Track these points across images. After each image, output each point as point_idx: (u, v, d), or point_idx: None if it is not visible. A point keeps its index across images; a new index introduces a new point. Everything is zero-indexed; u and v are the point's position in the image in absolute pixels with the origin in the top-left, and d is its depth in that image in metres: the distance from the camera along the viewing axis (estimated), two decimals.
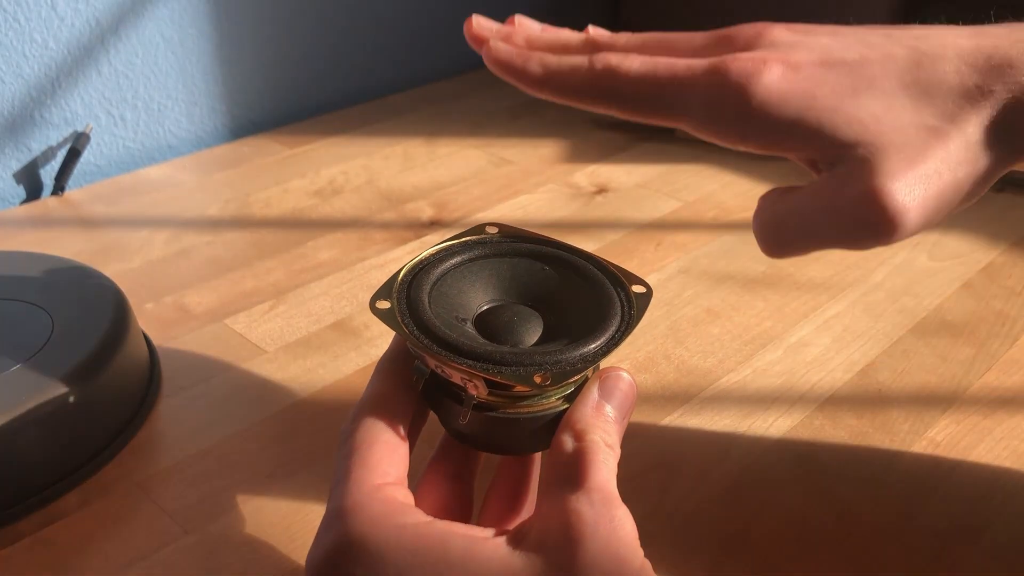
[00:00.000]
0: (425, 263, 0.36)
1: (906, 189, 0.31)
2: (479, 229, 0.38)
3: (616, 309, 0.34)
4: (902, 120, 0.32)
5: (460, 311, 0.35)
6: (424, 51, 0.91)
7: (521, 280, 0.37)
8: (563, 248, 0.37)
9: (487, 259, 0.37)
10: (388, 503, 0.29)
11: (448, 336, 0.32)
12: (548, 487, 0.30)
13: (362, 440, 0.31)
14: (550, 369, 0.31)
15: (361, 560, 0.28)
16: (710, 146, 0.75)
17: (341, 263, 0.60)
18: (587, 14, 1.02)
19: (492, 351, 0.32)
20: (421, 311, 0.33)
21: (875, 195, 0.31)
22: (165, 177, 0.71)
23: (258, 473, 0.43)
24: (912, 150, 0.32)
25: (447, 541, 0.28)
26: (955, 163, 0.32)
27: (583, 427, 0.31)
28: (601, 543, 0.27)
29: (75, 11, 0.69)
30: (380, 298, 0.34)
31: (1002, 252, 0.60)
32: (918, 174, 0.31)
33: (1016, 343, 0.52)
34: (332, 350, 0.52)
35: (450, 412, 0.33)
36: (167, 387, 0.49)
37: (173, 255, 0.61)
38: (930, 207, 0.32)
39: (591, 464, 0.30)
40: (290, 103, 0.84)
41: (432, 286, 0.35)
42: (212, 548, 0.39)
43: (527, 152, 0.75)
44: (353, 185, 0.70)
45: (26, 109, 0.70)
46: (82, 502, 0.42)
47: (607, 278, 0.36)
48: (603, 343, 0.33)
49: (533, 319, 0.35)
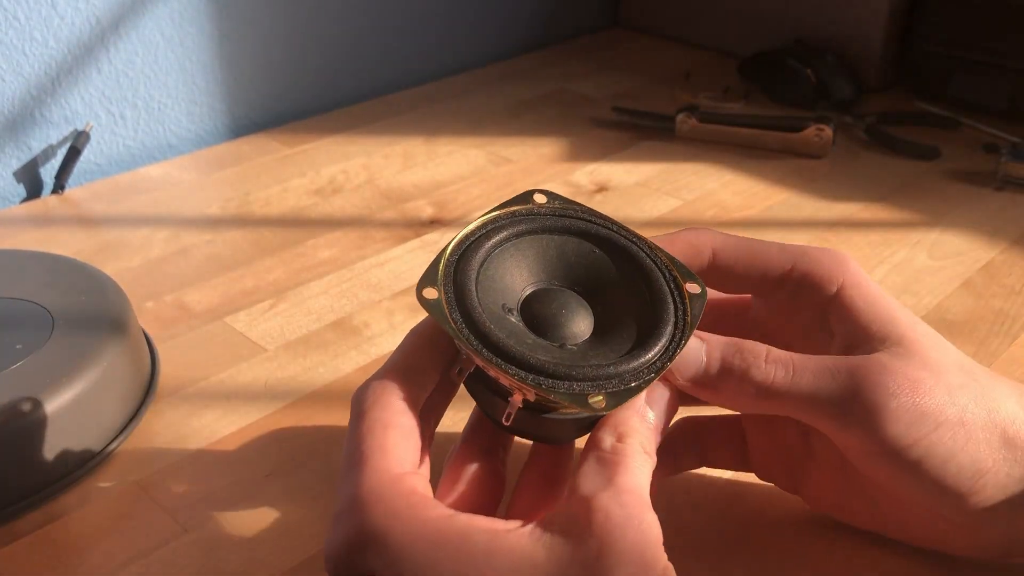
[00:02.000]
0: (471, 238, 0.34)
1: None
2: (526, 197, 0.36)
3: (669, 313, 0.33)
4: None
5: (505, 297, 0.33)
6: (424, 51, 0.91)
7: (568, 261, 0.35)
8: (613, 228, 0.36)
9: (534, 235, 0.35)
10: (409, 495, 0.29)
11: (499, 339, 0.31)
12: (581, 481, 0.30)
13: (378, 420, 0.31)
14: (607, 388, 0.30)
15: (383, 554, 0.28)
16: (710, 145, 0.75)
17: (341, 262, 0.60)
18: (587, 14, 1.02)
19: (546, 362, 0.30)
20: (469, 303, 0.31)
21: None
22: (165, 176, 0.72)
23: (258, 473, 0.43)
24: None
25: (469, 535, 0.28)
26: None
27: (625, 430, 0.31)
28: (628, 544, 0.28)
29: (75, 9, 0.69)
30: (427, 284, 0.32)
31: (1002, 251, 0.60)
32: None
33: (1016, 341, 0.52)
34: (332, 349, 0.52)
35: (492, 405, 0.32)
36: (167, 386, 0.49)
37: (173, 254, 0.61)
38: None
39: (627, 467, 0.30)
40: (290, 102, 0.84)
41: (479, 270, 0.33)
42: (211, 547, 0.39)
43: (527, 151, 0.75)
44: (353, 184, 0.70)
45: (26, 107, 0.70)
46: (82, 502, 0.42)
47: (660, 270, 0.34)
48: (657, 355, 0.32)
49: (581, 312, 0.33)
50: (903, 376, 0.33)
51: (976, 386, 0.34)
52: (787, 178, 0.70)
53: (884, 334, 0.34)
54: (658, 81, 0.88)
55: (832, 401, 0.33)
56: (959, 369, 0.34)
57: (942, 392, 0.33)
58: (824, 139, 0.72)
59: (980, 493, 0.33)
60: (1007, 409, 0.34)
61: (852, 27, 0.84)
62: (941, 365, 0.33)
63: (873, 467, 0.34)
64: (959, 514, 0.34)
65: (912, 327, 0.35)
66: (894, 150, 0.74)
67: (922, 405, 0.32)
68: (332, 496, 0.42)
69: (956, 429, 0.32)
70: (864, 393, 0.32)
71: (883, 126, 0.76)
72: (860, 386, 0.32)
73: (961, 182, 0.69)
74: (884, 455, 0.33)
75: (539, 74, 0.91)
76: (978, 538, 0.35)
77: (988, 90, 0.78)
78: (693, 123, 0.76)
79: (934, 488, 0.33)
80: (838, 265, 0.36)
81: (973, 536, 0.35)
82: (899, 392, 0.32)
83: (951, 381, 0.33)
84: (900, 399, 0.32)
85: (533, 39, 0.99)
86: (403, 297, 0.56)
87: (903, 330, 0.34)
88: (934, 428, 0.32)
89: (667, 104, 0.82)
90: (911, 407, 0.32)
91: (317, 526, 0.40)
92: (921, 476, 0.33)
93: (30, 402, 0.41)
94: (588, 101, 0.84)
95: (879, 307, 0.35)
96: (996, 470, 0.33)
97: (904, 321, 0.35)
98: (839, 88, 0.81)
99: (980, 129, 0.77)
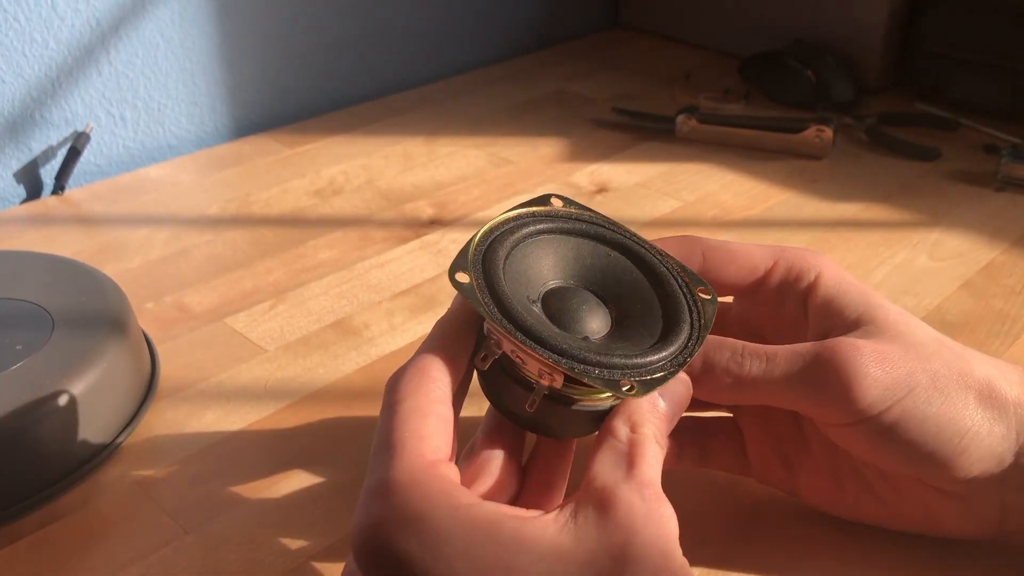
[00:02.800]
0: (497, 231, 0.35)
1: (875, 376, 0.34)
2: (544, 200, 0.37)
3: (686, 314, 0.35)
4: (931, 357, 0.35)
5: (528, 290, 0.34)
6: (424, 52, 0.91)
7: (585, 263, 0.36)
8: (627, 234, 0.37)
9: (552, 235, 0.36)
10: (444, 481, 0.29)
11: (530, 323, 0.32)
12: (598, 470, 0.30)
13: (415, 408, 0.31)
14: (635, 376, 0.31)
15: (421, 536, 0.28)
16: (710, 146, 0.75)
17: (341, 263, 0.60)
18: (587, 15, 1.02)
19: (577, 348, 0.31)
20: (499, 289, 0.32)
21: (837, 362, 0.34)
22: (165, 177, 0.71)
23: (258, 473, 0.43)
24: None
25: (499, 523, 0.28)
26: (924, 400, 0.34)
27: (638, 419, 0.32)
28: (651, 536, 0.28)
29: (75, 11, 0.69)
30: (459, 270, 0.33)
31: (1002, 251, 0.60)
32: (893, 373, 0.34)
33: (1016, 342, 0.52)
34: (332, 350, 0.52)
35: (512, 395, 0.33)
36: (167, 387, 0.49)
37: (173, 254, 0.61)
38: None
39: (643, 457, 0.31)
40: (290, 103, 0.84)
41: (505, 261, 0.34)
42: (212, 547, 0.39)
43: (527, 152, 0.75)
44: (353, 185, 0.70)
45: (26, 109, 0.70)
46: (82, 502, 0.42)
47: (671, 275, 0.36)
48: (678, 349, 0.33)
49: (599, 310, 0.35)
50: (873, 350, 0.34)
51: (948, 353, 0.35)
52: (787, 179, 0.70)
53: (857, 316, 0.36)
54: (658, 82, 0.88)
55: (806, 381, 0.34)
56: (931, 341, 0.35)
57: (913, 360, 0.34)
58: (824, 140, 0.72)
59: (964, 454, 0.34)
60: (981, 371, 0.35)
61: (852, 28, 0.84)
62: (913, 338, 0.35)
63: (855, 440, 0.35)
64: (948, 481, 0.35)
65: (884, 308, 0.36)
66: (894, 151, 0.74)
67: (894, 373, 0.34)
68: (333, 497, 0.42)
69: (930, 392, 0.34)
70: (836, 369, 0.34)
71: (883, 127, 0.76)
72: (831, 363, 0.34)
73: (961, 183, 0.69)
74: (862, 424, 0.34)
75: (539, 75, 0.91)
76: (971, 511, 0.36)
77: (988, 91, 0.78)
78: (693, 124, 0.76)
79: (917, 453, 0.34)
80: (815, 256, 0.38)
81: (966, 509, 0.36)
82: (870, 364, 0.34)
83: (922, 352, 0.35)
84: (871, 370, 0.33)
85: (533, 40, 0.99)
86: (403, 298, 0.56)
87: (875, 311, 0.36)
88: (907, 393, 0.34)
89: (667, 105, 0.82)
90: (882, 376, 0.33)
91: (317, 527, 0.40)
92: (902, 441, 0.34)
93: (30, 403, 0.41)
94: (588, 102, 0.84)
95: (853, 293, 0.37)
96: (977, 429, 0.34)
97: (877, 303, 0.36)
98: (839, 89, 0.81)
99: (980, 130, 0.77)
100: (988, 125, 0.77)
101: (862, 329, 0.35)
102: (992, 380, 0.35)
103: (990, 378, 0.35)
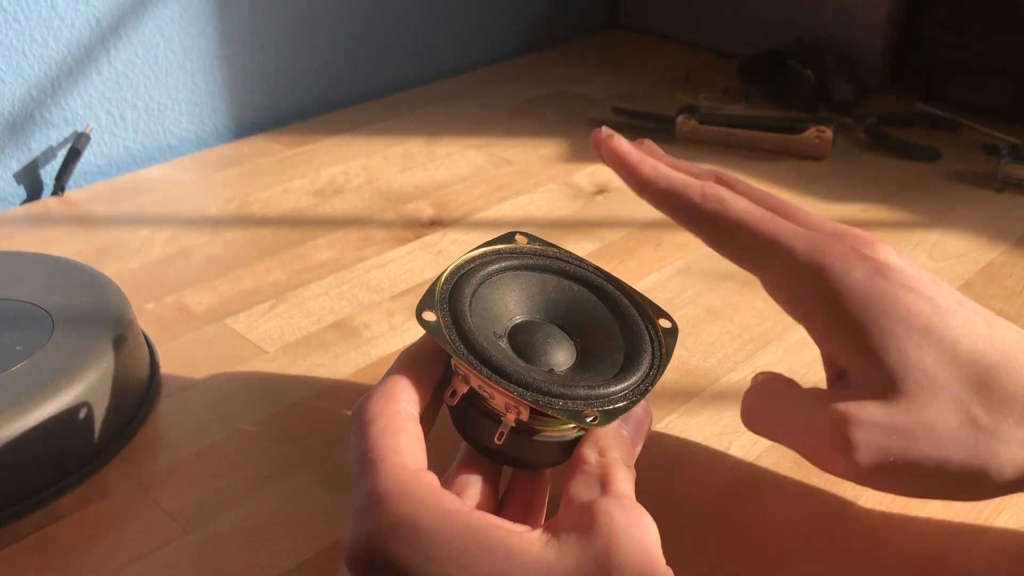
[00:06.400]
0: (463, 270, 0.36)
1: (870, 434, 0.34)
2: (509, 237, 0.38)
3: (647, 344, 0.35)
4: (946, 387, 0.34)
5: (494, 326, 0.35)
6: (424, 52, 0.91)
7: (550, 297, 0.37)
8: (589, 268, 0.38)
9: (518, 271, 0.37)
10: (431, 488, 0.30)
11: (497, 359, 0.32)
12: (576, 492, 0.31)
13: (386, 426, 0.31)
14: (598, 406, 0.32)
15: (415, 542, 0.28)
16: (710, 146, 0.75)
17: (341, 263, 0.60)
18: (587, 15, 1.03)
19: (541, 381, 0.32)
20: (465, 326, 0.33)
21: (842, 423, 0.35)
22: (165, 177, 0.72)
23: (258, 473, 0.43)
24: (918, 405, 0.34)
25: (488, 530, 0.29)
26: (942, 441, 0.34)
27: (605, 444, 0.33)
28: (634, 543, 0.29)
29: (75, 11, 0.69)
30: (426, 308, 0.34)
31: (1002, 252, 0.60)
32: (896, 426, 0.34)
33: None
34: (332, 350, 0.52)
35: (481, 429, 0.34)
36: (167, 387, 0.49)
37: (173, 255, 0.61)
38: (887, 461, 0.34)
39: (616, 476, 0.31)
40: (290, 103, 0.84)
41: (471, 298, 0.35)
42: (212, 548, 0.39)
43: (527, 152, 0.75)
44: (353, 185, 0.70)
45: (26, 109, 0.70)
46: (82, 502, 0.42)
47: (633, 307, 0.37)
48: (639, 379, 0.34)
49: (564, 343, 0.36)
50: (873, 425, 0.35)
51: (973, 404, 0.35)
52: (787, 179, 0.70)
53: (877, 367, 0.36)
54: (658, 82, 0.88)
55: (804, 444, 0.37)
56: (954, 389, 0.35)
57: (916, 423, 0.34)
58: (824, 140, 0.72)
59: (990, 466, 0.34)
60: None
61: (852, 28, 0.84)
62: (930, 392, 0.35)
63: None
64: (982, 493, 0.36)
65: (912, 347, 0.36)
66: (894, 151, 0.74)
67: (891, 446, 0.34)
68: (333, 497, 0.42)
69: (930, 447, 0.34)
70: (832, 441, 0.35)
71: (883, 127, 0.76)
72: (826, 434, 0.35)
73: (961, 183, 0.69)
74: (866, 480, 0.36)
75: (539, 75, 0.91)
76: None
77: (988, 92, 0.78)
78: (693, 124, 0.76)
79: (938, 489, 0.35)
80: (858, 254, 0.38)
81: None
82: (863, 434, 0.34)
83: (932, 412, 0.35)
84: (863, 438, 0.34)
85: (533, 40, 0.99)
86: (403, 298, 0.56)
87: (899, 355, 0.36)
88: (904, 450, 0.34)
89: (667, 105, 0.82)
90: (877, 445, 0.34)
91: (317, 528, 0.40)
92: (911, 489, 0.36)
93: (30, 403, 0.41)
94: (588, 102, 0.84)
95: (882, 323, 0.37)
96: (989, 446, 0.34)
97: (902, 336, 0.36)
98: (839, 89, 0.81)
99: (980, 131, 0.77)
100: (988, 125, 0.77)
101: (876, 385, 0.35)
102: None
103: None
